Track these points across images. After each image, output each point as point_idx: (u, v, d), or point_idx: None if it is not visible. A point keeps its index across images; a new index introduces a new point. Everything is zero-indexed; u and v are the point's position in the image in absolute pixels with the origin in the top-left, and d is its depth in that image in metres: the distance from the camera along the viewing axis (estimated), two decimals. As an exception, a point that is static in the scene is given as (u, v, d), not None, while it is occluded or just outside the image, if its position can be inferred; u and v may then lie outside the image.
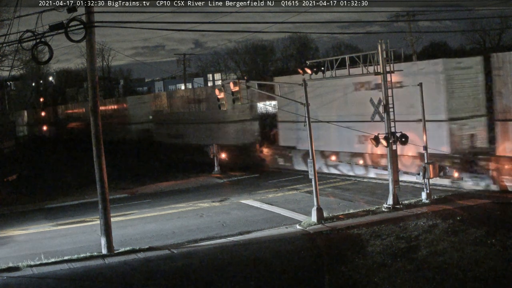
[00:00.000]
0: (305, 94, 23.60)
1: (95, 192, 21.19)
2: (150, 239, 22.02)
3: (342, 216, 23.13)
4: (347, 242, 19.51)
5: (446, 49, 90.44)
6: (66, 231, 24.93)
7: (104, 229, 20.39)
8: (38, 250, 21.06)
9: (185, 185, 34.96)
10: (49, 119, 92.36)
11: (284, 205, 26.53)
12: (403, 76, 28.14)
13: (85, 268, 18.71)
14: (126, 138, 62.31)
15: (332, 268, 16.76)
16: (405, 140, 24.01)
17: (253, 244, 20.31)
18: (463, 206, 23.01)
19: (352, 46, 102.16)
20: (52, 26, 19.02)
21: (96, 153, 20.49)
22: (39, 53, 23.34)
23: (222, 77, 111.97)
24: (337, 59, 25.45)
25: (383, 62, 23.96)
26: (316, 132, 31.39)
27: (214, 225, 23.84)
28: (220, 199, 29.38)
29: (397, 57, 26.06)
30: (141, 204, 29.86)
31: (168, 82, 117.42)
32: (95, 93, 20.53)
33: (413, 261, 16.69)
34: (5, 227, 26.42)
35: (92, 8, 19.81)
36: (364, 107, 29.25)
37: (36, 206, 31.55)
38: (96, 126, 20.50)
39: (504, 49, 63.69)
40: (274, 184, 32.85)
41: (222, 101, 26.34)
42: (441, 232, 19.28)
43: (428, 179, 24.58)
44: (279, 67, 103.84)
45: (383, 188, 27.51)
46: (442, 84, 27.73)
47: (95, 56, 20.77)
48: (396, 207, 23.61)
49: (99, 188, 20.56)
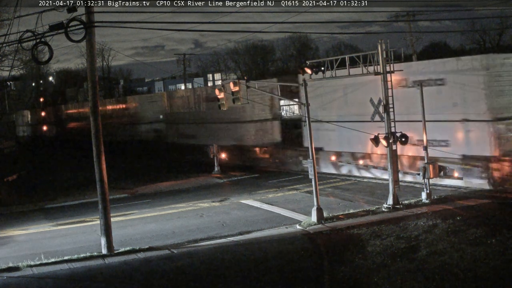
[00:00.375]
0: (305, 94, 23.59)
1: (95, 192, 21.19)
2: (150, 239, 22.01)
3: (342, 216, 23.13)
4: (347, 242, 19.51)
5: (446, 49, 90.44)
6: (66, 231, 24.93)
7: (104, 229, 20.39)
8: (38, 250, 21.06)
9: (185, 185, 34.95)
10: (49, 119, 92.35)
11: (284, 205, 26.52)
12: (446, 74, 27.05)
13: (85, 268, 18.71)
14: (136, 138, 60.05)
15: (332, 268, 16.76)
16: (405, 140, 24.02)
17: (253, 244, 20.30)
18: (463, 206, 23.02)
19: (352, 46, 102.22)
20: (52, 26, 19.03)
21: (96, 153, 20.49)
22: (39, 53, 23.32)
23: (222, 77, 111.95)
24: (337, 59, 25.46)
25: (383, 62, 23.96)
26: (342, 133, 30.68)
27: (214, 225, 23.84)
28: (220, 199, 29.38)
29: (397, 57, 26.06)
30: (141, 204, 29.86)
31: (168, 82, 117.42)
32: (95, 93, 20.55)
33: (413, 261, 16.69)
34: (5, 227, 26.43)
35: (92, 8, 19.81)
36: (401, 105, 27.09)
37: (36, 206, 31.56)
38: (96, 126, 20.51)
39: (504, 49, 63.75)
40: (274, 184, 32.84)
41: (222, 101, 26.37)
42: (441, 232, 19.28)
43: (428, 179, 24.59)
44: (279, 67, 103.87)
45: (383, 188, 27.52)
46: (486, 81, 26.05)
47: (95, 56, 20.78)
48: (396, 207, 23.61)
49: (99, 188, 20.55)
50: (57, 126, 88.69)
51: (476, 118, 26.39)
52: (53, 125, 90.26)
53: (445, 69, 27.70)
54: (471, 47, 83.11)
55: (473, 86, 26.37)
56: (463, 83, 26.64)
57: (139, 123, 60.15)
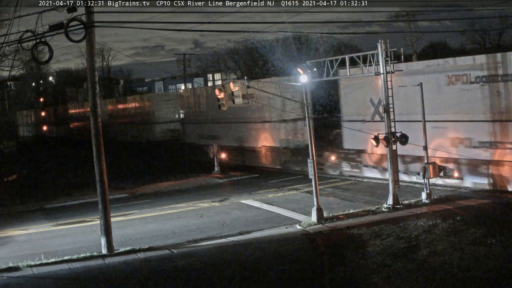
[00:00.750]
0: (305, 95, 23.59)
1: (95, 192, 21.20)
2: (150, 239, 22.01)
3: (342, 216, 23.12)
4: (347, 242, 19.51)
5: (446, 49, 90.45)
6: (66, 231, 24.94)
7: (104, 229, 20.39)
8: (38, 250, 21.06)
9: (185, 185, 34.95)
10: (49, 119, 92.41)
11: (284, 205, 26.52)
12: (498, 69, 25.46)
13: (85, 268, 18.71)
14: (150, 138, 56.74)
15: (332, 268, 16.76)
16: (405, 140, 24.02)
17: (253, 244, 20.30)
18: (463, 206, 23.01)
19: (352, 46, 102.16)
20: (52, 26, 19.03)
21: (96, 153, 20.49)
22: (39, 53, 23.31)
23: (222, 77, 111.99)
24: (337, 59, 25.46)
25: (383, 62, 23.97)
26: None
27: (214, 225, 23.84)
28: (220, 199, 29.38)
29: (397, 57, 26.06)
30: (141, 204, 29.86)
31: (168, 82, 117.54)
32: (95, 93, 20.54)
33: (413, 261, 16.69)
34: (5, 227, 26.43)
35: (92, 8, 19.81)
36: (460, 103, 26.31)
37: (36, 206, 31.56)
38: (96, 126, 20.50)
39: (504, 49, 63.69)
40: (274, 184, 32.84)
41: (222, 101, 26.39)
42: (441, 232, 19.28)
43: (428, 179, 24.59)
44: (279, 67, 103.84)
45: (383, 188, 27.51)
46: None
47: (95, 56, 20.78)
48: (396, 207, 23.61)
49: (99, 188, 20.56)
50: (57, 126, 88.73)
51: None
52: (53, 125, 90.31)
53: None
54: (471, 47, 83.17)
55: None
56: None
57: (152, 123, 57.32)
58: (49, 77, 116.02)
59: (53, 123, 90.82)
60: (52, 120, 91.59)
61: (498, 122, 25.61)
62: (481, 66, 26.04)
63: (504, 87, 25.17)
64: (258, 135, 40.08)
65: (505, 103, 25.28)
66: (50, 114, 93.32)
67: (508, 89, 25.10)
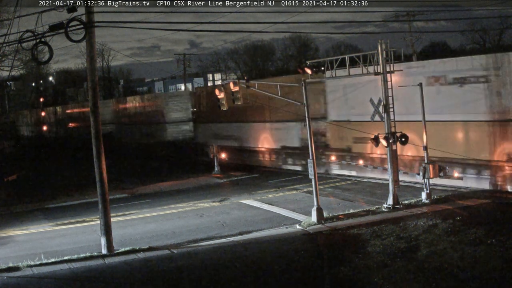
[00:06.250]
0: (305, 95, 23.58)
1: (95, 192, 21.20)
2: (150, 239, 22.02)
3: (342, 216, 23.12)
4: (347, 242, 19.52)
5: (446, 49, 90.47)
6: (66, 231, 24.94)
7: (104, 229, 20.39)
8: (38, 250, 21.06)
9: (185, 185, 34.94)
10: (49, 119, 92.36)
11: (284, 205, 26.52)
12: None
13: (85, 268, 18.71)
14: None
15: (332, 268, 16.75)
16: (405, 140, 24.02)
17: (253, 244, 20.30)
18: (463, 206, 23.01)
19: (352, 46, 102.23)
20: (52, 26, 19.02)
21: (96, 153, 20.49)
22: (39, 53, 23.33)
23: (222, 77, 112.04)
24: (337, 59, 25.46)
25: (383, 62, 23.96)
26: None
27: (214, 225, 23.84)
28: (220, 199, 29.38)
29: (397, 57, 26.06)
30: (141, 204, 29.86)
31: (168, 82, 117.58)
32: (95, 93, 20.53)
33: (413, 261, 16.69)
34: (5, 227, 26.43)
35: (92, 8, 19.81)
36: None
37: (36, 206, 31.56)
38: (96, 126, 20.50)
39: (504, 49, 63.72)
40: (274, 184, 32.83)
41: (222, 101, 26.38)
42: (441, 232, 19.27)
43: (428, 179, 24.58)
44: (279, 67, 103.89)
45: (383, 188, 27.51)
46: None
47: (95, 56, 20.78)
48: (396, 207, 23.60)
49: (99, 188, 20.56)
50: (57, 126, 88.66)
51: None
52: (53, 125, 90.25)
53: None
54: (471, 47, 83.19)
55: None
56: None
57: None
58: (49, 77, 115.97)
59: (53, 123, 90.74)
60: (52, 120, 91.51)
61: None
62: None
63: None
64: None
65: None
66: (50, 114, 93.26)
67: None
